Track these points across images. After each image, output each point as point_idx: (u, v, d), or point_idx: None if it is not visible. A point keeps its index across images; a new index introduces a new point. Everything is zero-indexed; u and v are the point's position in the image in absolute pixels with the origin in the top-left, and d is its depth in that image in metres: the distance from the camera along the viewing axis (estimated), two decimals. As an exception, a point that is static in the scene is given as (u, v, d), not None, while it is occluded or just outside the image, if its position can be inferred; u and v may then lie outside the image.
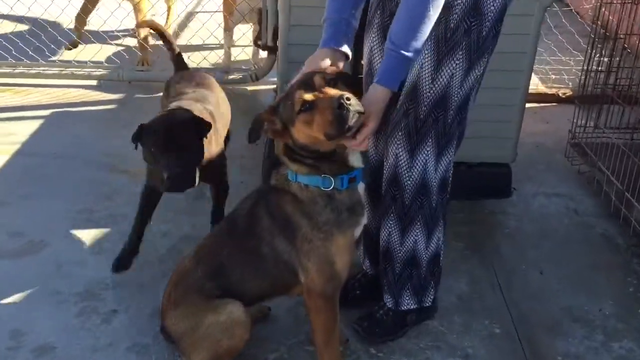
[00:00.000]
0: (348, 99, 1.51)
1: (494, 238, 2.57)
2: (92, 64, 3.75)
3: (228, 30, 3.81)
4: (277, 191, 1.71)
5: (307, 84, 1.58)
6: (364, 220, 1.77)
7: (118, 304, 2.09)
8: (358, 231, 1.76)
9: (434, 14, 1.63)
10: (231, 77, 3.72)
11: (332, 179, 1.65)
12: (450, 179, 1.97)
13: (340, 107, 1.50)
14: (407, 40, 1.62)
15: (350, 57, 1.78)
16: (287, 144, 1.67)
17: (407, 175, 1.87)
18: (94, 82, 3.67)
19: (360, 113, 1.54)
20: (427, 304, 2.05)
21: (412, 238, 1.94)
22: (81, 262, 2.28)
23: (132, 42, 4.05)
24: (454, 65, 1.77)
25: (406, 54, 1.63)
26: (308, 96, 1.55)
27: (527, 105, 2.82)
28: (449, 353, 1.99)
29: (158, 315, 1.91)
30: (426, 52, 1.78)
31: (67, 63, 3.73)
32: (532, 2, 2.51)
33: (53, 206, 2.58)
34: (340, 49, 1.73)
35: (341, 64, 1.74)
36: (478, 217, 2.69)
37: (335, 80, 1.61)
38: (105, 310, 2.07)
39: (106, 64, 3.80)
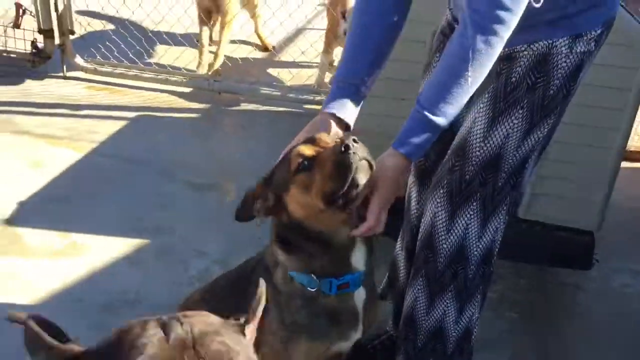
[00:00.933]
0: (355, 140, 1.32)
1: (557, 315, 2.26)
2: (185, 71, 3.82)
3: (328, 51, 3.70)
4: (263, 267, 1.51)
5: (308, 140, 1.40)
6: (356, 335, 1.52)
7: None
8: (343, 346, 1.53)
9: (474, 76, 1.37)
10: (318, 98, 3.63)
11: (317, 280, 1.41)
12: (497, 251, 1.72)
13: (345, 148, 1.29)
14: (436, 102, 1.38)
15: (352, 128, 1.54)
16: (280, 225, 1.43)
17: (443, 238, 1.66)
18: (182, 89, 3.73)
19: (370, 164, 1.35)
20: None
21: (440, 309, 1.72)
22: (112, 273, 2.28)
23: (229, 53, 4.09)
24: (512, 124, 1.54)
25: (431, 117, 1.38)
26: (308, 151, 1.34)
27: (629, 164, 2.49)
28: None
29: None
30: (482, 105, 1.57)
31: (163, 68, 3.82)
32: (633, 52, 2.18)
33: (108, 210, 2.62)
34: (342, 117, 1.51)
35: (341, 134, 1.51)
36: (545, 288, 2.38)
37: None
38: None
39: (199, 73, 3.85)
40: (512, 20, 1.34)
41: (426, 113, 1.38)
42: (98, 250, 2.38)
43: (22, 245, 2.38)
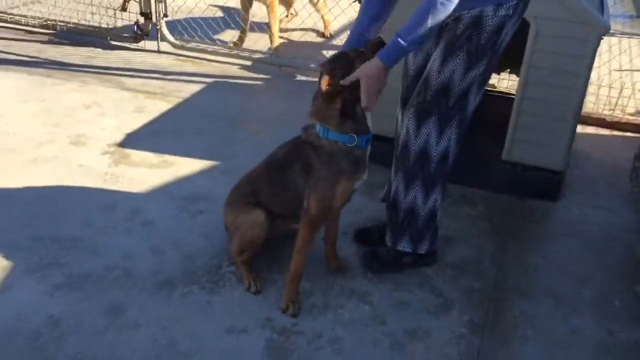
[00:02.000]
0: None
1: (520, 226, 2.95)
2: (251, 50, 4.70)
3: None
4: (307, 144, 2.30)
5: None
6: (364, 177, 2.33)
7: (204, 209, 2.91)
8: (358, 184, 2.33)
9: (432, 23, 2.08)
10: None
11: (355, 137, 2.27)
12: (452, 154, 2.44)
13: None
14: (407, 34, 2.11)
15: None
16: (331, 106, 2.22)
17: (413, 142, 2.41)
18: (249, 63, 4.61)
19: None
20: (422, 252, 2.56)
21: (412, 193, 2.47)
22: (191, 180, 3.15)
23: (297, 38, 4.93)
24: (456, 63, 2.28)
25: (401, 42, 2.12)
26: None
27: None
28: (427, 290, 2.50)
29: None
30: (438, 51, 2.32)
31: (236, 46, 4.72)
32: (587, 29, 2.85)
33: (190, 142, 3.49)
34: None
35: None
36: (516, 209, 3.07)
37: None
38: (194, 210, 2.89)
39: (263, 50, 4.72)
40: None
41: (399, 39, 2.12)
42: (182, 166, 3.25)
43: (130, 159, 3.29)
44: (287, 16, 5.42)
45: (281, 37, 5.01)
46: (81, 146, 3.38)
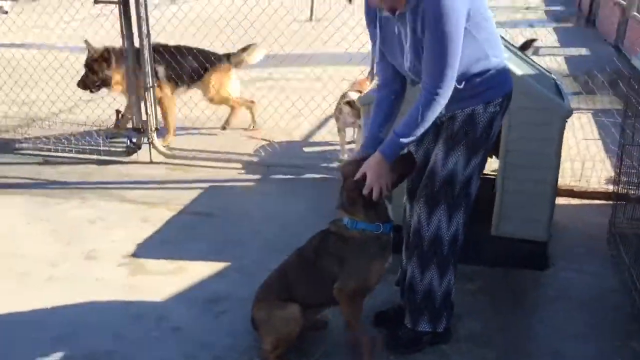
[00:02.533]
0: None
1: (519, 298, 3.21)
2: (238, 153, 5.01)
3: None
4: (338, 236, 2.57)
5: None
6: (390, 259, 2.60)
7: (227, 309, 3.08)
8: (387, 265, 2.60)
9: (427, 119, 2.41)
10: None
11: (381, 225, 2.54)
12: (461, 235, 2.71)
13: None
14: (403, 131, 2.44)
15: None
16: (357, 202, 2.51)
17: (425, 230, 2.68)
18: (239, 165, 4.90)
19: None
20: (440, 330, 2.78)
21: (428, 276, 2.72)
22: (208, 282, 3.33)
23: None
24: (457, 155, 2.59)
25: (400, 139, 2.43)
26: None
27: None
28: (447, 365, 2.71)
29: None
30: (439, 146, 2.64)
31: (224, 153, 5.03)
32: (550, 114, 3.24)
33: (197, 245, 3.69)
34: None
35: None
36: (511, 280, 3.35)
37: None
38: (217, 311, 3.07)
39: (250, 152, 5.03)
40: (446, 94, 2.41)
41: (397, 137, 2.44)
42: (197, 270, 3.44)
43: (145, 269, 3.47)
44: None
45: (263, 139, 5.36)
46: (95, 260, 3.55)
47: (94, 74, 5.03)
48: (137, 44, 4.80)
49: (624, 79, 3.85)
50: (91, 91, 5.16)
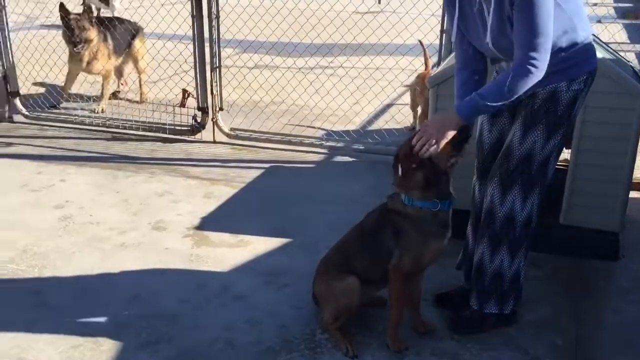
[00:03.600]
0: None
1: (589, 286, 3.11)
2: (301, 136, 5.03)
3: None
4: (395, 212, 2.54)
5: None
6: (449, 234, 2.55)
7: (289, 282, 3.09)
8: (445, 243, 2.55)
9: (508, 96, 2.35)
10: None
11: (438, 202, 2.49)
12: (535, 218, 2.64)
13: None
14: (487, 98, 2.37)
15: None
16: (416, 179, 2.45)
17: (498, 209, 2.61)
18: (300, 148, 4.92)
19: None
20: (507, 312, 2.72)
21: (499, 258, 2.66)
22: (270, 256, 3.36)
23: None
24: (536, 134, 2.51)
25: (482, 102, 2.35)
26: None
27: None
28: (513, 348, 2.63)
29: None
30: (517, 124, 2.57)
31: (286, 134, 5.06)
32: (631, 98, 3.12)
33: (260, 221, 3.72)
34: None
35: None
36: (581, 270, 3.24)
37: None
38: (280, 284, 3.08)
39: (312, 135, 5.04)
40: (541, 66, 2.30)
41: (480, 99, 2.37)
42: (258, 244, 3.47)
43: (209, 241, 3.52)
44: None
45: (317, 127, 5.36)
46: (162, 231, 3.62)
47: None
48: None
49: None
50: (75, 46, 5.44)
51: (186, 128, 5.18)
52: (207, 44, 4.94)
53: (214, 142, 5.09)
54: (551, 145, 2.54)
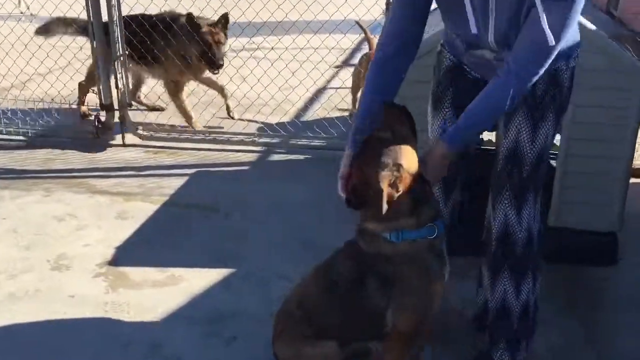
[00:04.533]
0: None
1: (594, 300, 2.63)
2: (230, 133, 4.30)
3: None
4: (379, 257, 1.84)
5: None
6: (448, 268, 1.92)
7: (238, 332, 2.41)
8: (447, 277, 1.94)
9: (512, 104, 1.82)
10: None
11: (434, 226, 1.84)
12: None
13: None
14: (475, 124, 1.86)
15: None
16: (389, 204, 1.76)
17: (517, 231, 2.05)
18: (228, 147, 4.19)
19: None
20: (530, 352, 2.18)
21: (525, 290, 2.11)
22: (209, 295, 2.65)
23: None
24: (548, 125, 2.00)
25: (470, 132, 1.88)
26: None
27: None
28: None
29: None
30: (520, 119, 2.00)
31: (212, 130, 4.31)
32: (630, 77, 2.64)
33: (191, 247, 3.01)
34: None
35: None
36: (580, 280, 2.76)
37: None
38: (226, 336, 2.40)
39: (243, 131, 4.33)
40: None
41: (466, 130, 1.84)
42: (192, 279, 2.76)
43: (129, 280, 2.76)
44: None
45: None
46: (66, 271, 2.83)
47: None
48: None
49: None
50: None
51: (88, 130, 4.31)
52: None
53: (124, 145, 4.26)
54: (555, 135, 2.08)
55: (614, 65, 2.64)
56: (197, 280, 2.76)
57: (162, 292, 2.68)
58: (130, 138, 4.29)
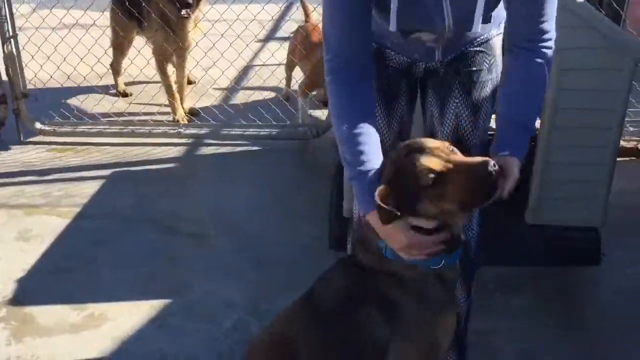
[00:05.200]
0: (494, 164, 1.33)
1: (588, 314, 2.33)
2: (153, 122, 3.72)
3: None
4: (376, 273, 1.49)
5: (422, 150, 1.38)
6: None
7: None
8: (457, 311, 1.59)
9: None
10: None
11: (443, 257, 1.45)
12: None
13: (489, 174, 1.32)
14: (533, 117, 1.55)
15: None
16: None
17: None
18: (152, 140, 3.61)
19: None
20: None
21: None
22: (141, 338, 2.15)
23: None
24: (487, 105, 1.73)
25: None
26: (436, 166, 1.35)
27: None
28: None
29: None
30: (457, 101, 1.70)
31: (129, 121, 3.71)
32: (621, 55, 2.33)
33: (113, 274, 2.48)
34: None
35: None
36: (567, 288, 2.46)
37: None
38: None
39: (166, 121, 3.76)
40: None
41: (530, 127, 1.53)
42: (120, 318, 2.24)
43: (36, 324, 2.21)
44: None
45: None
46: (-48, 318, 2.24)
47: None
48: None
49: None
50: None
51: (-24, 127, 3.61)
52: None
53: (22, 142, 3.60)
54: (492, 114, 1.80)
55: (603, 42, 2.31)
56: (124, 318, 2.24)
57: (80, 339, 2.15)
58: (29, 134, 3.63)
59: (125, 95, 4.16)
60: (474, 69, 1.69)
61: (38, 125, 3.63)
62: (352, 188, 1.53)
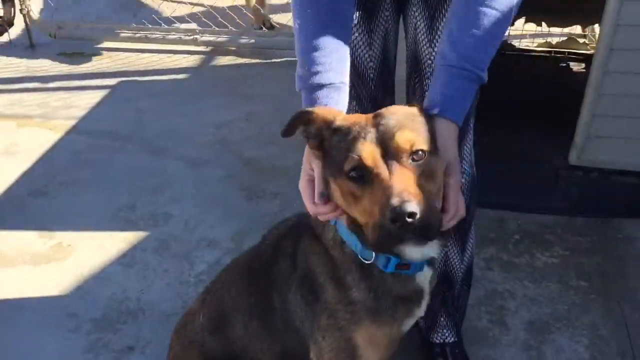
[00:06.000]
0: (413, 214, 0.93)
1: (629, 277, 1.93)
2: (165, 27, 3.39)
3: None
4: (311, 232, 1.20)
5: (379, 135, 1.01)
6: (420, 312, 1.21)
7: (136, 340, 1.72)
8: (408, 325, 1.22)
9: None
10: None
11: (370, 251, 1.10)
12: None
13: (395, 221, 0.93)
14: (484, 58, 1.11)
15: None
16: None
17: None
18: (169, 47, 3.31)
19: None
20: None
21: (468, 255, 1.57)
22: (106, 278, 1.94)
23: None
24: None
25: (482, 74, 1.11)
26: (370, 161, 0.99)
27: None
28: None
29: None
30: (416, 10, 1.34)
31: (141, 25, 3.40)
32: None
33: (92, 199, 2.27)
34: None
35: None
36: (609, 245, 2.05)
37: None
38: (119, 347, 1.71)
39: (183, 28, 3.43)
40: None
41: (478, 72, 1.10)
42: (88, 252, 2.04)
43: (3, 255, 2.04)
44: None
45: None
46: None
47: None
48: None
49: None
50: None
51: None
52: None
53: (31, 45, 3.38)
54: None
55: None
56: (92, 252, 2.03)
57: (39, 272, 1.96)
58: (39, 37, 3.40)
59: None
60: None
61: (48, 25, 3.38)
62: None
